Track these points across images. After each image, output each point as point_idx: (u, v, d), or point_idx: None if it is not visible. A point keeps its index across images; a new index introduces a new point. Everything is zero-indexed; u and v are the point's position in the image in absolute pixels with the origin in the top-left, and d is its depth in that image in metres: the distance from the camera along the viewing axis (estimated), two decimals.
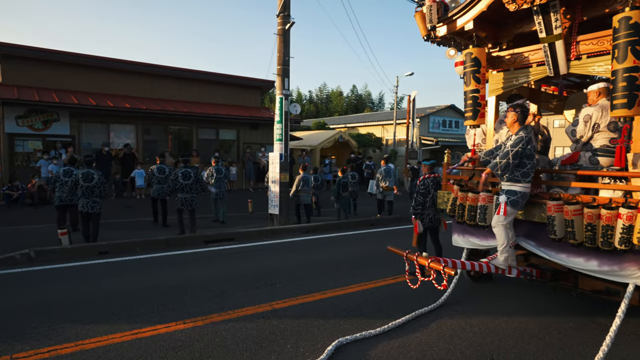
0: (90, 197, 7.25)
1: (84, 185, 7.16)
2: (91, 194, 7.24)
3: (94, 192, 7.25)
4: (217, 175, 9.85)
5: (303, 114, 45.19)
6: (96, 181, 7.26)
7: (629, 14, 3.53)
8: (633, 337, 3.91)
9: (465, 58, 4.91)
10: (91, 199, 7.25)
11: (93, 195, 7.26)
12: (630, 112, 3.63)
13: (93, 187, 7.23)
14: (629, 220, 3.45)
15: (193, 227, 8.37)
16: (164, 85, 15.61)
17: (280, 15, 9.38)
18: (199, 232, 8.38)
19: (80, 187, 7.17)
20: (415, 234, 5.64)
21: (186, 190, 8.28)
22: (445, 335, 3.91)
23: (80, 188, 7.18)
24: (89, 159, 7.49)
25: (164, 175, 9.04)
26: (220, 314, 4.30)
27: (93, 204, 7.28)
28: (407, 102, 20.78)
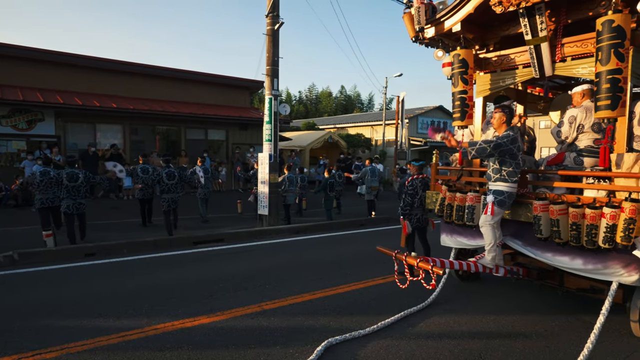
0: (76, 199, 7.13)
1: (69, 186, 7.04)
2: (77, 195, 7.13)
3: (79, 193, 7.15)
4: (206, 175, 9.80)
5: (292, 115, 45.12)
6: (81, 181, 7.15)
7: (611, 17, 3.60)
8: (617, 334, 3.99)
9: (453, 59, 4.96)
10: (77, 200, 7.14)
11: (79, 195, 7.15)
12: (613, 113, 3.71)
13: (79, 187, 7.13)
14: (613, 219, 3.52)
15: (175, 226, 8.27)
16: (152, 85, 15.44)
17: (269, 16, 9.35)
18: (188, 233, 8.31)
19: (65, 187, 7.05)
20: (404, 234, 5.68)
21: (171, 190, 8.19)
22: (433, 334, 3.94)
23: (65, 188, 7.06)
24: (71, 160, 7.38)
25: (148, 175, 8.93)
26: (209, 315, 4.27)
27: (79, 205, 7.18)
28: (396, 103, 20.89)
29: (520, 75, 4.82)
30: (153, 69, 15.58)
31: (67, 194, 7.07)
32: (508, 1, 4.18)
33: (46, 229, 7.05)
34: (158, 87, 15.57)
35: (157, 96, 15.46)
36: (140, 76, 15.22)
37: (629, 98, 3.85)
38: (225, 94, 17.28)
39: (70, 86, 13.79)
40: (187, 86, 16.27)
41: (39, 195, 7.18)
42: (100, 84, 14.35)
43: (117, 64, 14.83)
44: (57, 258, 6.60)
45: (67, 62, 13.78)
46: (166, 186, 8.15)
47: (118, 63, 14.89)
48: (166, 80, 15.84)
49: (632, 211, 3.42)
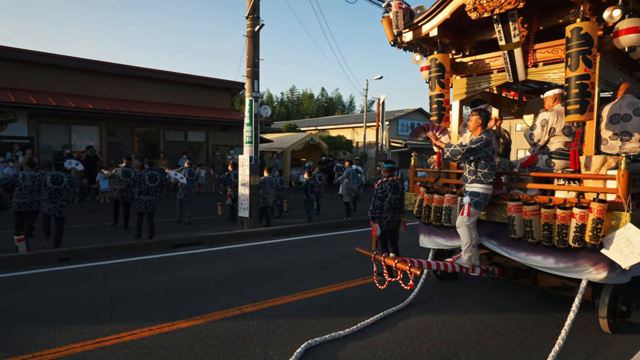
0: (57, 201, 6.92)
1: (52, 188, 6.84)
2: (58, 198, 6.92)
3: (61, 196, 6.95)
4: (190, 177, 9.69)
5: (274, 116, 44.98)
6: (65, 184, 6.96)
7: (580, 24, 3.74)
8: (586, 330, 4.14)
9: (430, 63, 5.05)
10: (58, 202, 6.93)
11: (60, 198, 6.95)
12: (582, 117, 3.86)
13: (61, 190, 6.94)
14: (582, 219, 3.66)
15: (152, 231, 8.10)
16: (130, 86, 15.14)
17: (249, 17, 9.32)
18: (167, 236, 8.19)
19: (48, 189, 6.84)
20: (373, 237, 5.72)
21: (151, 192, 8.07)
22: (412, 334, 4.00)
23: (48, 190, 6.85)
24: (59, 162, 7.19)
25: (129, 179, 8.78)
26: (187, 319, 4.23)
27: (60, 208, 6.98)
28: (376, 105, 21.08)
29: (495, 79, 4.95)
30: (131, 70, 15.29)
31: (48, 196, 6.86)
32: (482, 8, 4.30)
33: (18, 234, 6.83)
34: (136, 88, 15.29)
35: (136, 97, 15.17)
36: (118, 77, 14.91)
37: (597, 103, 4.01)
38: (205, 96, 17.10)
39: (44, 86, 13.39)
40: (167, 87, 16.02)
41: (16, 199, 6.96)
42: (75, 84, 13.98)
43: (93, 64, 14.50)
44: (30, 263, 6.40)
45: (40, 61, 13.38)
46: (146, 188, 8.01)
47: (95, 63, 14.56)
48: (145, 81, 15.57)
49: (600, 211, 3.56)
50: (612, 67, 4.34)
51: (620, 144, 4.10)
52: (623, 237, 3.54)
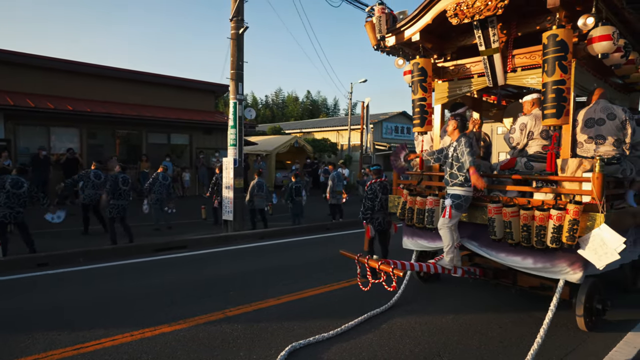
0: (14, 207, 6.63)
1: (10, 192, 6.56)
2: (16, 203, 6.64)
3: (19, 201, 6.68)
4: (163, 181, 9.50)
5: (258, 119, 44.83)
6: (24, 190, 6.70)
7: (556, 31, 3.86)
8: (564, 328, 4.24)
9: (413, 68, 5.13)
10: (15, 209, 6.64)
11: (18, 204, 6.67)
12: (559, 121, 3.97)
13: (20, 195, 6.66)
14: (559, 220, 3.76)
15: (130, 235, 7.94)
16: (112, 88, 14.88)
17: (233, 20, 9.29)
18: (148, 240, 8.07)
19: (6, 192, 6.56)
20: (367, 238, 5.77)
21: (123, 196, 7.87)
22: (395, 335, 4.03)
23: (6, 194, 6.56)
24: (23, 168, 6.98)
25: (101, 181, 8.60)
26: (170, 324, 4.18)
27: (17, 214, 6.68)
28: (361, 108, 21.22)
29: (475, 83, 5.06)
30: (113, 71, 15.05)
31: (5, 200, 6.58)
32: (463, 14, 4.39)
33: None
34: (118, 89, 15.03)
35: (118, 99, 14.93)
36: (99, 78, 14.65)
37: (572, 107, 4.13)
38: (189, 98, 16.94)
39: (22, 87, 13.05)
40: (149, 89, 15.81)
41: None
42: (55, 85, 13.67)
43: (73, 64, 14.21)
44: (5, 269, 6.22)
45: (18, 61, 13.04)
46: (119, 191, 7.85)
47: (75, 64, 14.27)
48: (127, 82, 15.33)
49: (576, 213, 3.67)
50: (586, 72, 4.49)
51: (595, 147, 4.23)
52: (598, 238, 3.65)
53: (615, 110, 4.21)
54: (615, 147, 4.19)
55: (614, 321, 4.44)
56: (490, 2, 4.17)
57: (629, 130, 4.15)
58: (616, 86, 5.40)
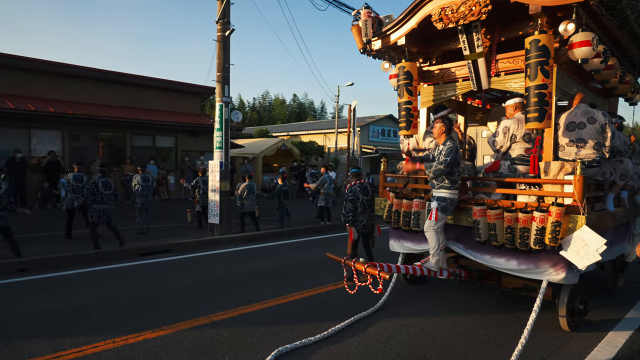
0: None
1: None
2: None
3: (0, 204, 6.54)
4: (144, 183, 9.38)
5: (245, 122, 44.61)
6: (3, 191, 6.53)
7: (538, 37, 3.93)
8: (548, 329, 4.31)
9: (399, 71, 5.16)
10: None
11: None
12: (541, 125, 4.03)
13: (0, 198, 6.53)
14: (542, 222, 3.82)
15: (120, 239, 7.82)
16: (95, 89, 14.63)
17: (219, 22, 9.24)
18: (133, 245, 7.93)
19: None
20: (350, 240, 5.76)
21: (105, 201, 7.73)
22: (382, 338, 4.04)
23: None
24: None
25: (81, 184, 8.43)
26: (154, 330, 4.10)
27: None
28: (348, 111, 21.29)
29: (460, 87, 5.12)
30: (96, 72, 14.80)
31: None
32: (448, 18, 4.44)
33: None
34: (102, 91, 14.79)
35: (101, 100, 14.69)
36: (82, 79, 14.40)
37: (554, 111, 4.21)
38: (174, 100, 16.77)
39: (1, 88, 12.76)
40: (134, 91, 15.61)
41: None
42: (36, 86, 13.39)
43: (55, 65, 13.94)
44: None
45: None
46: (100, 196, 7.70)
47: (56, 65, 14.00)
48: (111, 84, 15.09)
49: (558, 215, 3.73)
50: (567, 77, 4.58)
51: (576, 150, 4.32)
52: (579, 239, 3.72)
53: (595, 115, 4.30)
54: (596, 151, 4.28)
55: (595, 321, 4.53)
56: (474, 8, 4.23)
57: (609, 133, 4.25)
58: (596, 91, 5.53)
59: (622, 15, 4.06)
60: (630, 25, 4.33)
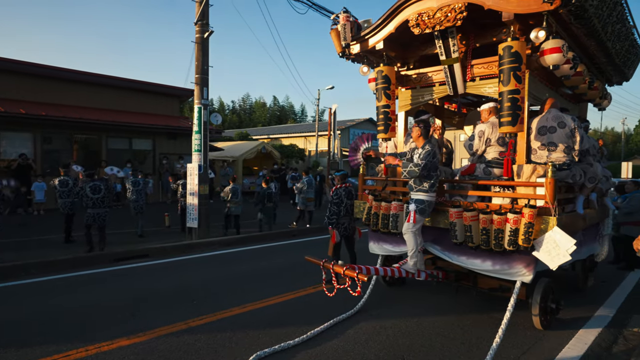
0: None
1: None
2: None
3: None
4: (135, 187, 9.24)
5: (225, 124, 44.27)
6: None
7: (510, 43, 4.04)
8: (522, 328, 4.41)
9: (377, 75, 5.22)
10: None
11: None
12: (514, 128, 4.14)
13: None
14: (515, 224, 3.91)
15: (102, 245, 7.68)
16: (69, 90, 14.20)
17: (198, 24, 9.15)
18: (108, 250, 7.74)
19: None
20: (332, 243, 5.78)
21: (97, 205, 7.61)
22: (361, 340, 4.05)
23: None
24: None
25: (67, 189, 8.22)
26: (129, 337, 4.01)
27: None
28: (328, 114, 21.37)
29: (437, 92, 5.20)
30: (70, 73, 14.38)
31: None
32: (424, 24, 4.52)
33: None
34: (76, 92, 14.37)
35: (75, 102, 14.26)
36: (56, 80, 13.97)
37: (527, 115, 4.33)
38: (152, 102, 16.47)
39: None
40: (110, 92, 15.23)
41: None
42: (6, 87, 12.92)
43: (27, 66, 13.47)
44: None
45: None
46: (91, 201, 7.54)
47: (29, 65, 13.53)
48: (85, 85, 14.69)
49: (531, 216, 3.83)
50: (539, 83, 4.72)
51: (548, 154, 4.45)
52: (551, 240, 3.83)
53: (565, 119, 4.45)
54: (566, 154, 4.42)
55: (567, 319, 4.66)
56: (450, 14, 4.32)
57: (578, 137, 4.39)
58: (566, 96, 5.71)
59: (590, 24, 4.22)
60: (597, 34, 4.50)
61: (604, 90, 6.23)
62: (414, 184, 4.51)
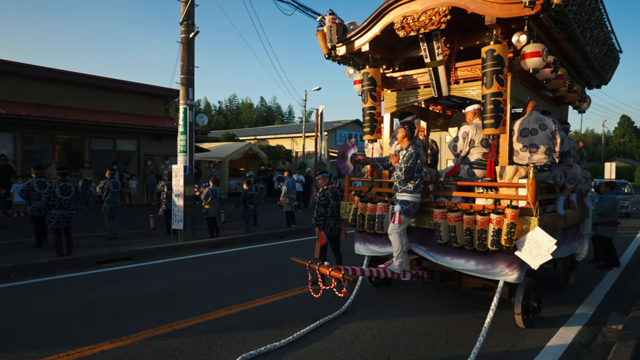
0: None
1: None
2: None
3: None
4: (115, 189, 9.08)
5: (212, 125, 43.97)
6: None
7: (493, 47, 4.12)
8: (505, 326, 4.48)
9: (363, 77, 5.26)
10: None
11: None
12: (497, 130, 4.22)
13: None
14: (498, 224, 3.98)
15: (70, 246, 7.48)
16: (52, 90, 13.91)
17: (183, 24, 9.07)
18: (91, 252, 7.60)
19: None
20: (320, 244, 5.79)
21: (64, 206, 7.39)
22: (347, 340, 4.06)
23: None
24: None
25: (45, 190, 8.03)
26: (111, 340, 3.94)
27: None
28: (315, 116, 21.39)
29: (422, 94, 5.27)
30: (52, 73, 14.10)
31: None
32: (409, 27, 4.58)
33: None
34: (59, 92, 14.09)
35: (58, 102, 13.99)
36: (37, 80, 13.68)
37: (509, 118, 4.41)
38: (137, 102, 16.25)
39: None
40: (93, 92, 14.98)
41: None
42: None
43: (9, 65, 13.17)
44: None
45: None
46: (58, 201, 7.34)
47: (10, 64, 13.24)
48: (69, 85, 14.42)
49: (513, 216, 3.90)
50: (521, 86, 4.82)
51: (529, 155, 4.54)
52: (532, 240, 3.91)
53: (546, 121, 4.54)
54: (547, 156, 4.52)
55: (548, 317, 4.75)
56: (434, 17, 4.38)
57: (558, 139, 4.50)
58: (548, 99, 5.84)
59: (569, 28, 4.32)
60: (576, 38, 4.61)
61: (584, 93, 6.38)
62: (398, 185, 4.55)
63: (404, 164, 4.38)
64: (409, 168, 4.36)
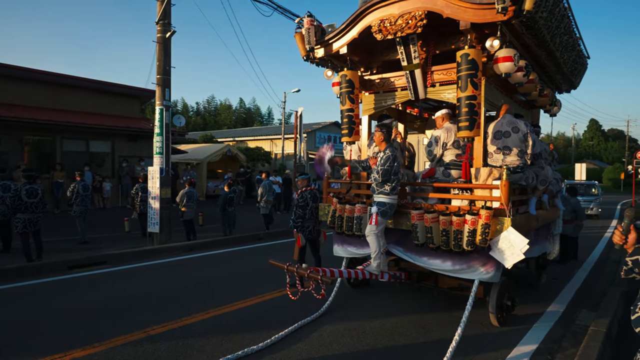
0: None
1: None
2: None
3: None
4: (85, 192, 8.79)
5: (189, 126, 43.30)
6: None
7: (467, 51, 4.21)
8: (480, 325, 4.57)
9: (341, 79, 5.28)
10: None
11: None
12: (471, 133, 4.31)
13: None
14: (473, 225, 4.06)
15: (39, 250, 7.22)
16: (22, 90, 13.41)
17: (159, 23, 8.91)
18: (62, 257, 7.35)
19: None
20: (298, 246, 5.77)
21: (31, 209, 7.12)
22: (325, 342, 4.06)
23: None
24: None
25: (8, 194, 7.72)
26: (83, 348, 3.83)
27: None
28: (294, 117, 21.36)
29: (399, 96, 5.33)
30: (22, 72, 13.58)
31: None
32: (386, 30, 4.62)
33: None
34: (28, 91, 13.58)
35: (27, 102, 13.49)
36: (5, 78, 13.17)
37: (483, 120, 4.51)
38: (111, 103, 15.82)
39: None
40: (65, 92, 14.49)
41: None
42: None
43: None
44: None
45: None
46: (24, 205, 7.06)
47: None
48: (39, 84, 13.92)
49: (487, 217, 3.99)
50: (495, 89, 4.94)
51: (503, 157, 4.65)
52: (506, 240, 4.01)
53: (518, 124, 4.67)
54: (519, 158, 4.64)
55: (521, 315, 4.87)
56: (411, 21, 4.45)
57: (530, 142, 4.63)
58: (520, 103, 6.00)
59: (540, 34, 4.46)
60: (547, 44, 4.77)
61: (554, 97, 6.59)
62: (376, 186, 4.59)
63: (381, 167, 4.42)
64: (386, 170, 4.41)
